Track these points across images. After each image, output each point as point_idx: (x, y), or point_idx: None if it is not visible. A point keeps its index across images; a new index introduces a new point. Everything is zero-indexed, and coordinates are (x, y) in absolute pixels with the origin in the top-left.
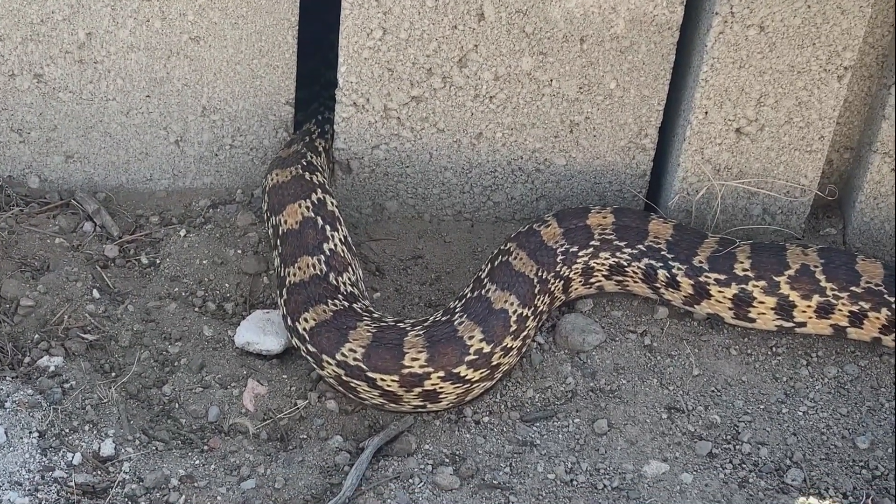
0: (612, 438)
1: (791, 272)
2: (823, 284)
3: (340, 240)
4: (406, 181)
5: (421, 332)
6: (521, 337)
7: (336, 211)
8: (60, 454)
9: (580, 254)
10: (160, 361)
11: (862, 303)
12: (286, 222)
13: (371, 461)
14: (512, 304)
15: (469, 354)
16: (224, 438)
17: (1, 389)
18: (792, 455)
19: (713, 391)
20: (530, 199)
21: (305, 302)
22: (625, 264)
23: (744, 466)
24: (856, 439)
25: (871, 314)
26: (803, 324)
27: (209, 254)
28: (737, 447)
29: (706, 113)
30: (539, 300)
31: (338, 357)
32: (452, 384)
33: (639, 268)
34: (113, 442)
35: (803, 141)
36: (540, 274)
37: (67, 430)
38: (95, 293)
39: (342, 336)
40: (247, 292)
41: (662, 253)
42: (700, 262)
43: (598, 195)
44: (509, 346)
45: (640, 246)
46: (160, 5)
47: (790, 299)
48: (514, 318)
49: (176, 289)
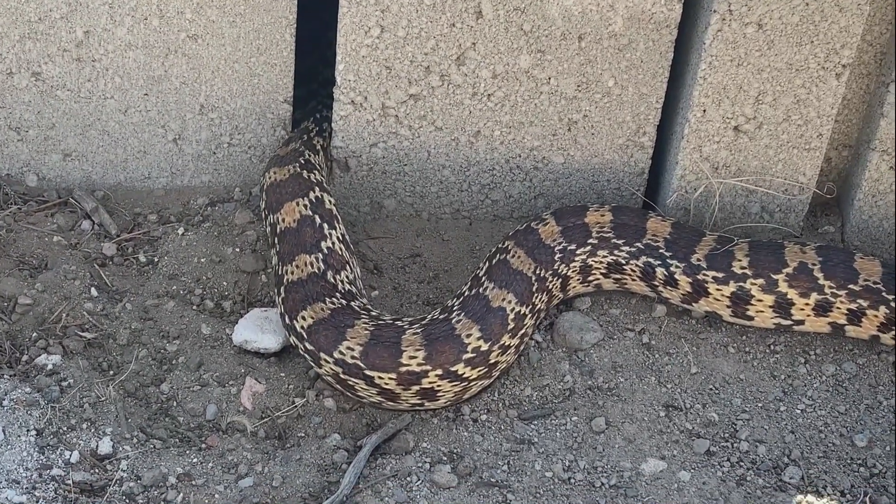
0: (610, 436)
1: (789, 270)
2: (822, 282)
3: (338, 238)
4: (404, 179)
5: (419, 331)
6: (519, 335)
7: (334, 209)
8: (58, 452)
9: (578, 252)
10: (158, 360)
11: (860, 301)
12: (284, 220)
13: (369, 459)
14: (510, 303)
15: (467, 352)
16: (222, 436)
17: None
18: (790, 453)
19: (711, 389)
20: (528, 198)
21: (303, 300)
22: (623, 262)
23: (741, 464)
24: (854, 437)
25: (870, 312)
26: (801, 322)
27: (207, 252)
28: (735, 445)
29: (704, 111)
30: (537, 298)
31: (336, 355)
32: (450, 382)
33: (637, 266)
34: (111, 440)
35: (802, 139)
36: (538, 272)
37: (65, 429)
38: (93, 291)
39: (340, 334)
40: (245, 290)
41: (660, 251)
42: (698, 260)
43: (597, 193)
44: (507, 345)
45: (639, 244)
46: (158, 3)
47: (788, 297)
48: (512, 317)
49: (174, 287)
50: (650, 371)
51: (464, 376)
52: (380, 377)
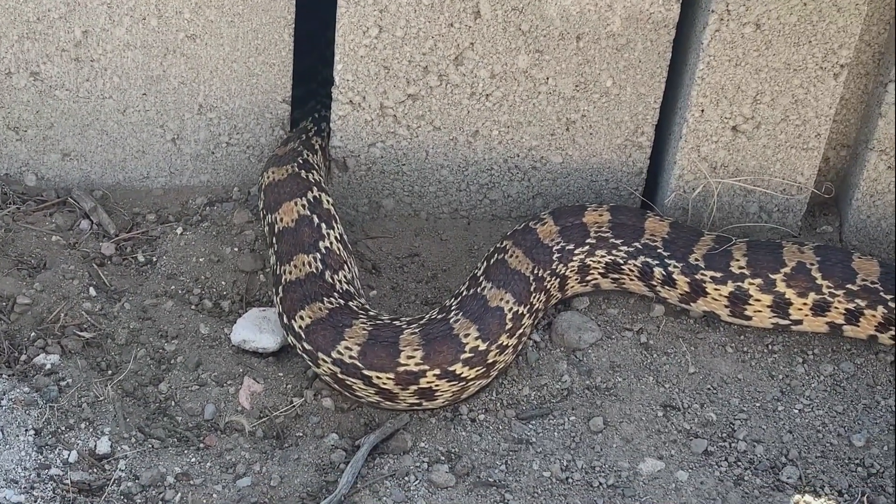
0: (608, 436)
1: (787, 270)
2: (820, 282)
3: (336, 238)
4: (402, 179)
5: (417, 330)
6: (517, 335)
7: (332, 209)
8: (56, 452)
9: (576, 252)
10: (156, 359)
11: (858, 300)
12: (282, 220)
13: (367, 459)
14: (508, 302)
15: (464, 352)
16: (220, 436)
17: None
18: (787, 453)
19: (709, 389)
20: (527, 197)
21: (301, 300)
22: (621, 262)
23: (739, 464)
24: (851, 437)
25: (868, 312)
26: (799, 321)
27: (206, 252)
28: (732, 445)
29: (702, 111)
30: (535, 298)
31: (334, 355)
32: (448, 382)
33: (635, 266)
34: (109, 440)
35: (800, 139)
36: (536, 272)
37: (63, 428)
38: (92, 291)
39: (338, 334)
40: (243, 290)
41: (659, 251)
42: (696, 260)
43: (595, 193)
44: (505, 344)
45: (637, 244)
46: (156, 3)
47: (786, 297)
48: (510, 316)
49: (172, 287)
50: (648, 371)
51: (462, 376)
52: (378, 377)
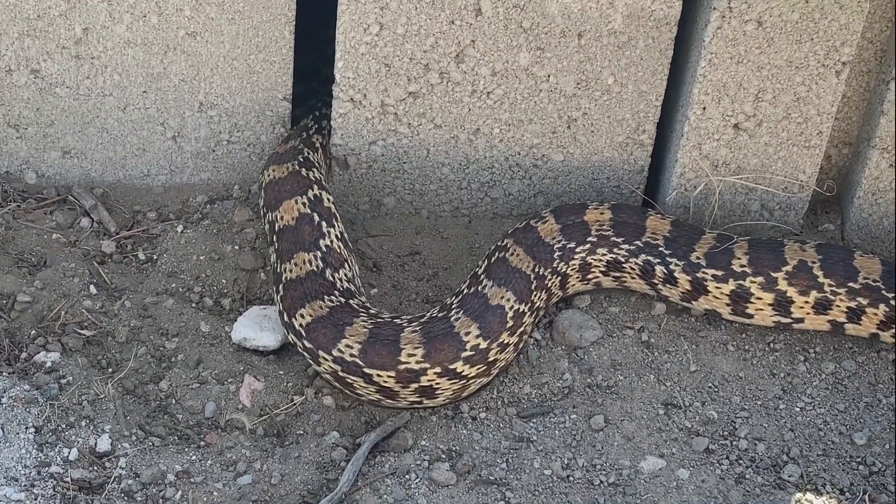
0: (609, 434)
1: (789, 268)
2: (821, 280)
3: (337, 236)
4: (403, 177)
5: (417, 328)
6: (518, 333)
7: (333, 207)
8: (57, 450)
9: (577, 250)
10: (157, 357)
11: (860, 299)
12: (283, 218)
13: (367, 457)
14: (508, 300)
15: (465, 350)
16: (221, 434)
17: None
18: (789, 451)
19: (710, 387)
20: (528, 195)
21: (302, 298)
22: (622, 260)
23: (740, 462)
24: (853, 435)
25: (869, 310)
26: (801, 320)
27: (206, 250)
28: (734, 443)
29: (704, 108)
30: (536, 296)
31: (334, 353)
32: (449, 380)
33: (636, 264)
34: (109, 437)
35: (801, 137)
36: (537, 270)
37: (64, 426)
38: (92, 289)
39: (339, 332)
40: (244, 288)
41: (660, 249)
42: (698, 258)
43: (596, 191)
44: (506, 343)
45: (638, 242)
46: (157, 0)
47: (788, 295)
48: (511, 315)
49: (173, 285)
50: (649, 369)
51: (462, 374)
52: (378, 375)
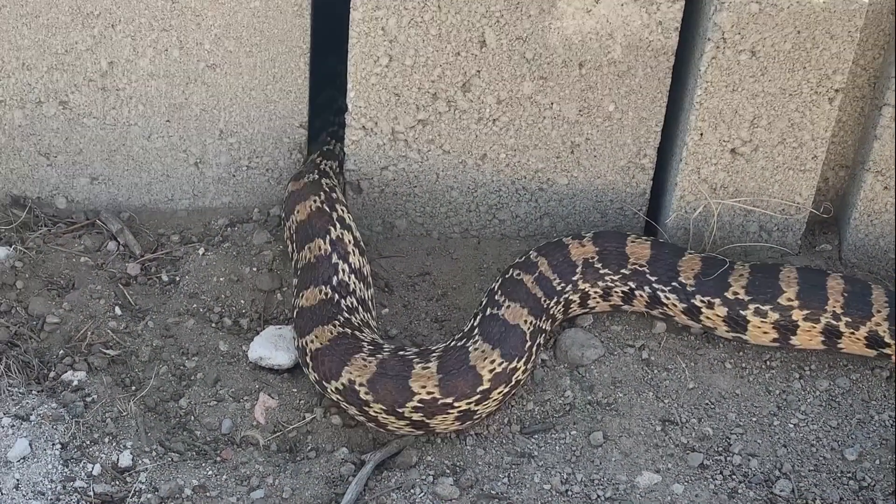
0: (608, 450)
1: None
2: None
3: (352, 267)
4: (414, 200)
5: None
6: (532, 361)
7: (353, 241)
8: (81, 465)
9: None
10: (177, 376)
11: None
12: (306, 257)
13: (374, 472)
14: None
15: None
16: (236, 450)
17: (27, 403)
18: (781, 466)
19: (707, 404)
20: (534, 217)
21: (314, 322)
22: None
23: (734, 477)
24: (844, 451)
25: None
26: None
27: (226, 271)
28: (728, 458)
29: (701, 134)
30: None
31: (341, 381)
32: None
33: (623, 291)
34: (131, 453)
35: (797, 161)
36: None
37: (88, 442)
38: (117, 310)
39: (343, 361)
40: (261, 308)
41: (647, 275)
42: (690, 284)
43: (600, 213)
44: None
45: (624, 270)
46: (178, 35)
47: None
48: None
49: (194, 305)
50: (648, 386)
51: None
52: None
